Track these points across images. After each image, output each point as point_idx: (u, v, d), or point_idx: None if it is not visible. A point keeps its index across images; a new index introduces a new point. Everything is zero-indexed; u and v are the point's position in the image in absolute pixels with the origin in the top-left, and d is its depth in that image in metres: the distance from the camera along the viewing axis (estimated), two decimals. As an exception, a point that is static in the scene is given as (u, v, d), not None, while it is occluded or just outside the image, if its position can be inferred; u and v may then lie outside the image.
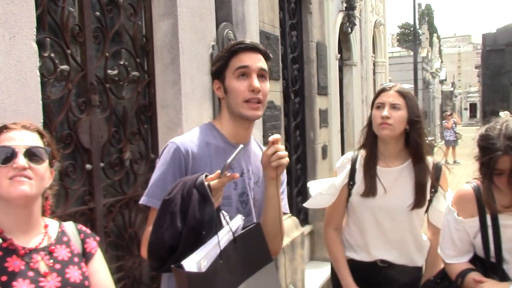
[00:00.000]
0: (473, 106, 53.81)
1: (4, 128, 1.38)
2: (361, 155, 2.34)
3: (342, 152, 6.72)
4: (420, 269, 2.40)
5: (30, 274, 1.32)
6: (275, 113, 4.31)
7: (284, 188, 1.86)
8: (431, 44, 32.50)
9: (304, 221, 5.40)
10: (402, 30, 54.91)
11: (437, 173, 2.29)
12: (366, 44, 8.63)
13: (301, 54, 5.46)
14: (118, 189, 2.66)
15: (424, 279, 2.25)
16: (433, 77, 29.42)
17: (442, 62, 38.81)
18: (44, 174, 1.38)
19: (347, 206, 2.39)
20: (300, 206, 5.42)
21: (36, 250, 1.37)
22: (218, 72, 1.74)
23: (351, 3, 7.05)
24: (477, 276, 1.92)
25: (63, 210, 2.21)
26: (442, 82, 35.10)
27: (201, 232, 1.39)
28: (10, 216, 1.35)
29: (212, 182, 1.45)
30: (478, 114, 42.81)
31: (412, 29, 20.41)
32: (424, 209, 2.29)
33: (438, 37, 43.05)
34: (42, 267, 1.35)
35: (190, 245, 1.38)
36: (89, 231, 1.54)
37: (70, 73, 2.30)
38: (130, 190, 2.73)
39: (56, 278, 1.36)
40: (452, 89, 41.22)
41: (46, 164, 1.39)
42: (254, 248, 1.53)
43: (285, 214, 1.84)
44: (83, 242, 1.49)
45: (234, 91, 1.69)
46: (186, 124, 2.83)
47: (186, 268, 1.33)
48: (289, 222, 4.31)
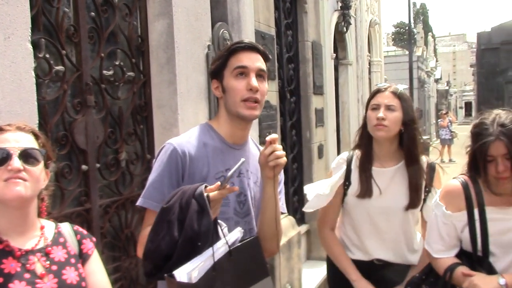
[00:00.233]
0: (468, 105, 54.03)
1: (-2, 129, 1.37)
2: (356, 156, 2.34)
3: (338, 151, 6.74)
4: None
5: (27, 275, 1.32)
6: (271, 112, 4.31)
7: (281, 187, 1.86)
8: (426, 43, 32.56)
9: (300, 220, 5.41)
10: (397, 29, 55.02)
11: (431, 172, 2.29)
12: (362, 43, 8.64)
13: (296, 53, 5.46)
14: (114, 189, 2.66)
15: (410, 276, 2.25)
16: (428, 76, 29.50)
17: (437, 61, 38.91)
18: (39, 175, 1.37)
19: (342, 206, 2.40)
20: (296, 205, 5.42)
21: (32, 252, 1.36)
22: (217, 71, 1.74)
23: (346, 3, 7.05)
24: (466, 270, 1.94)
25: (59, 211, 2.20)
26: (437, 81, 35.19)
27: (197, 242, 1.38)
28: (6, 217, 1.35)
29: (211, 194, 1.44)
30: (473, 113, 42.92)
31: (407, 28, 20.46)
32: (419, 208, 2.30)
33: (433, 36, 43.19)
34: (39, 269, 1.35)
35: (185, 255, 1.38)
36: (85, 232, 1.54)
37: (65, 73, 2.29)
38: (126, 191, 2.72)
39: (52, 279, 1.35)
40: (447, 88, 41.33)
41: (41, 165, 1.38)
42: (251, 261, 1.52)
43: (282, 213, 1.84)
44: (80, 243, 1.49)
45: (232, 90, 1.69)
46: (182, 124, 2.83)
47: (177, 278, 1.34)
48: (285, 221, 4.31)
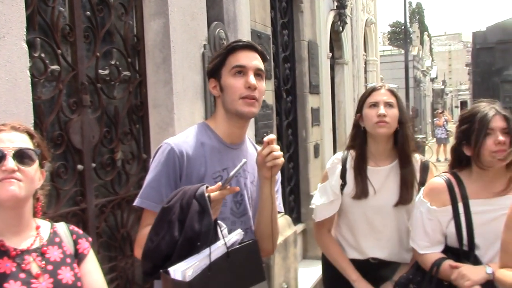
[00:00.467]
0: (464, 104, 54.05)
1: (-7, 129, 1.37)
2: (351, 155, 2.35)
3: (334, 150, 6.74)
4: None
5: (22, 275, 1.31)
6: (267, 112, 4.32)
7: (278, 187, 1.86)
8: (422, 42, 32.66)
9: (296, 219, 5.41)
10: (393, 28, 55.04)
11: (424, 170, 2.32)
12: (358, 42, 8.64)
13: (292, 53, 5.46)
14: (110, 189, 2.65)
15: (399, 273, 2.25)
16: (424, 75, 29.57)
17: (433, 60, 38.99)
18: (33, 176, 1.37)
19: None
20: (292, 204, 5.43)
21: (27, 251, 1.36)
22: (215, 70, 1.73)
23: (342, 2, 7.05)
24: (452, 262, 1.98)
25: (55, 211, 2.20)
26: (433, 80, 35.30)
27: (197, 243, 1.39)
28: (1, 218, 1.34)
29: (212, 194, 1.44)
30: (469, 112, 42.89)
31: (403, 27, 20.48)
32: (412, 205, 2.30)
33: (429, 35, 43.29)
34: (34, 269, 1.35)
35: (185, 255, 1.38)
36: (81, 232, 1.54)
37: (61, 73, 2.28)
38: (122, 191, 2.72)
39: (48, 279, 1.35)
40: (443, 87, 41.45)
41: (36, 165, 1.38)
42: (248, 264, 1.52)
43: (279, 213, 1.85)
44: (75, 243, 1.49)
45: (230, 88, 1.69)
46: (178, 123, 2.83)
47: (171, 275, 1.35)
48: (282, 220, 4.32)
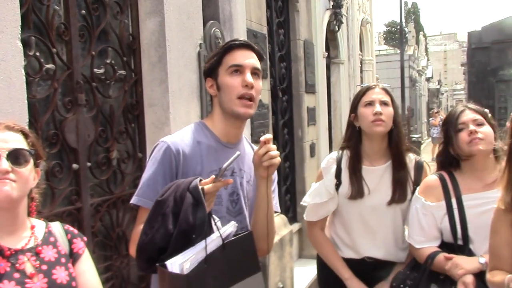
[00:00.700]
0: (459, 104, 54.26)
1: (-13, 129, 1.36)
2: (345, 155, 2.35)
3: (330, 149, 6.74)
4: None
5: (16, 275, 1.31)
6: (263, 111, 4.31)
7: (275, 187, 1.86)
8: (418, 42, 32.71)
9: (292, 219, 5.41)
10: (389, 28, 55.09)
11: (419, 170, 2.33)
12: (353, 42, 8.65)
13: (288, 52, 5.46)
14: (106, 188, 2.64)
15: (395, 272, 2.26)
16: (419, 75, 29.65)
17: (428, 60, 39.10)
18: (28, 176, 1.36)
19: None
20: (288, 204, 5.43)
21: (22, 251, 1.35)
22: (211, 69, 1.73)
23: (338, 1, 7.05)
24: (447, 254, 2.04)
25: (50, 210, 2.19)
26: (428, 79, 35.38)
27: (191, 235, 1.39)
28: (-5, 217, 1.33)
29: (206, 187, 1.44)
30: (464, 112, 42.98)
31: (398, 27, 20.51)
32: (407, 205, 2.31)
33: (425, 35, 43.33)
34: (28, 268, 1.34)
35: (180, 247, 1.38)
36: (76, 231, 1.53)
37: (56, 72, 2.27)
38: (118, 190, 2.71)
39: (42, 279, 1.34)
40: (438, 86, 41.53)
41: (30, 165, 1.37)
42: (243, 256, 1.53)
43: (275, 212, 1.85)
44: (70, 242, 1.48)
45: (227, 87, 1.68)
46: (174, 122, 2.82)
47: (169, 268, 1.35)
48: (277, 220, 4.32)
